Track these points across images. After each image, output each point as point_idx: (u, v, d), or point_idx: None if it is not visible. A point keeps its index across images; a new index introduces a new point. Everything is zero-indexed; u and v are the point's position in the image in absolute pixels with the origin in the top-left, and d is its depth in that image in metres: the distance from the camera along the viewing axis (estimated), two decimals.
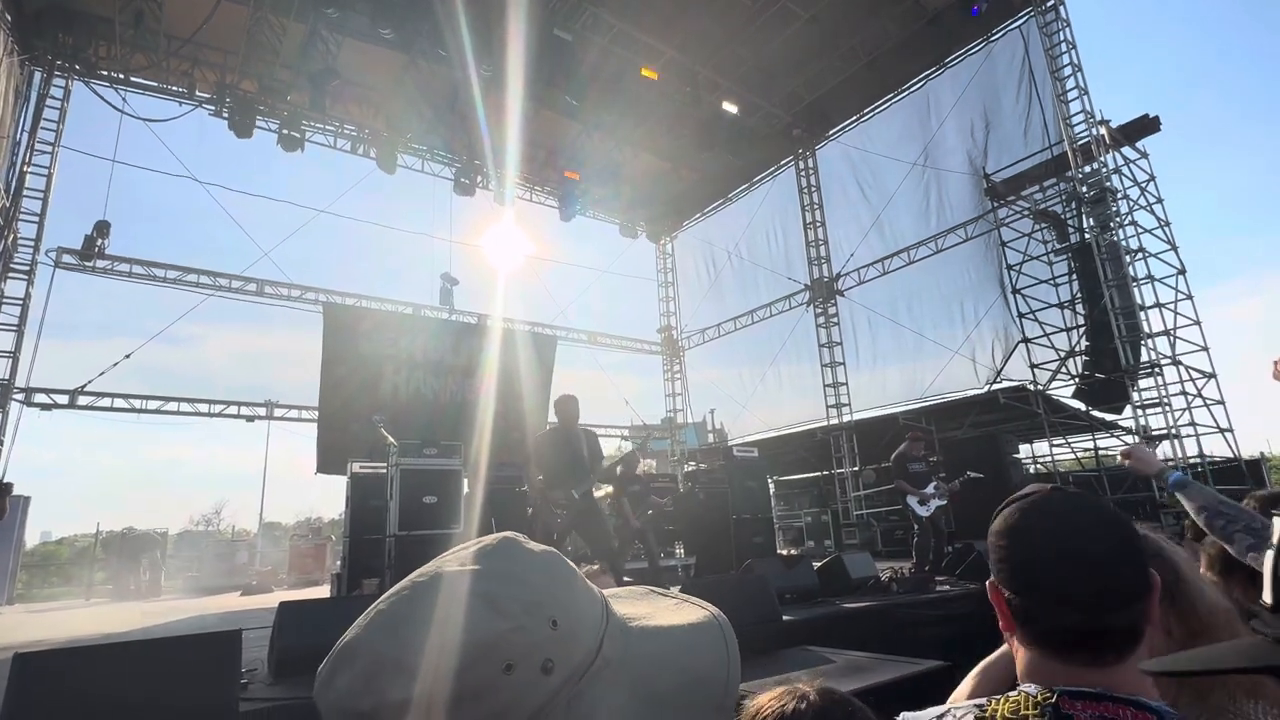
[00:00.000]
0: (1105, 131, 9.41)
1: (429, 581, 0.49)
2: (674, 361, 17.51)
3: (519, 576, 0.49)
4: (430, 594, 0.48)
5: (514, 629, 0.46)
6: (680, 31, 10.96)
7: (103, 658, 2.44)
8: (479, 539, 0.53)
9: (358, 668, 0.46)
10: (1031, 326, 10.16)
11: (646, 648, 0.53)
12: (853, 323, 13.35)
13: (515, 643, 0.45)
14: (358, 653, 0.46)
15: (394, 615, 0.47)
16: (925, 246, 12.15)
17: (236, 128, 10.78)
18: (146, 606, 9.77)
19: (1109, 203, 9.20)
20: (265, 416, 12.40)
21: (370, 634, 0.47)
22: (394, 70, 11.29)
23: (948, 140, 11.71)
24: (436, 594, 0.47)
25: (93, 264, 10.78)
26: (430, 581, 0.49)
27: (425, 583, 0.49)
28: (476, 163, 13.18)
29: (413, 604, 0.48)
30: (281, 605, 3.33)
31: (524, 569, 0.50)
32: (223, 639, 2.61)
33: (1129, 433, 9.47)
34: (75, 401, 10.56)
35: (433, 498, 6.15)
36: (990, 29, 10.93)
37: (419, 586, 0.49)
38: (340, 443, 9.97)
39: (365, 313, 12.40)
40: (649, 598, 0.61)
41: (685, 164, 14.51)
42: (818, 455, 13.78)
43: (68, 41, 10.00)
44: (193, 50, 10.45)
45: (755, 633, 3.74)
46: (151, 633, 5.45)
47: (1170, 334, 9.00)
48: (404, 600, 0.48)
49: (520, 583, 0.49)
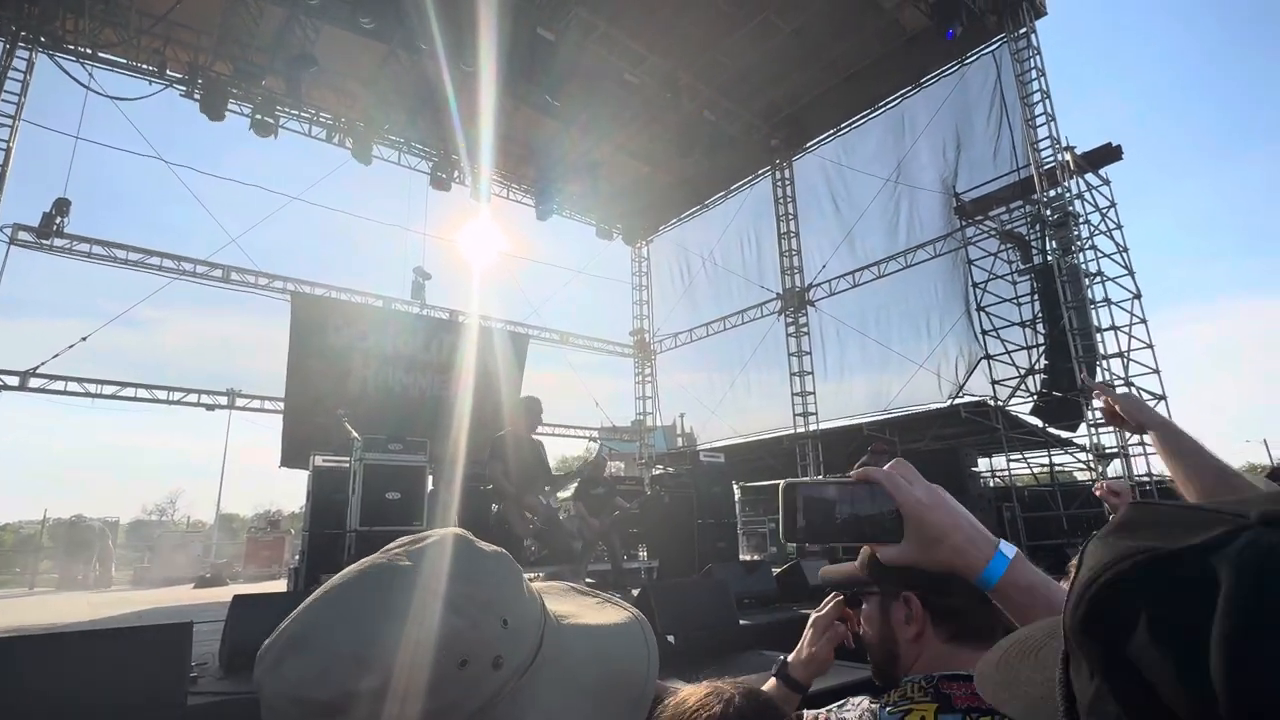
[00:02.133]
0: (1070, 158, 9.71)
1: (382, 574, 0.50)
2: (645, 364, 17.57)
3: (474, 576, 0.51)
4: (385, 587, 0.49)
5: (470, 626, 0.47)
6: (663, 36, 11.03)
7: (44, 649, 2.39)
8: (426, 533, 0.54)
9: (312, 658, 0.45)
10: (994, 344, 10.43)
11: (577, 646, 0.55)
12: (822, 333, 13.55)
13: (471, 640, 0.47)
14: (311, 642, 0.46)
15: (349, 606, 0.48)
16: (895, 261, 12.39)
17: (209, 110, 10.55)
18: (94, 597, 9.50)
19: (1071, 227, 9.49)
20: (227, 406, 12.14)
21: (325, 623, 0.47)
22: (373, 61, 11.17)
23: (920, 158, 11.97)
24: (392, 588, 0.48)
25: (50, 242, 10.45)
26: (384, 574, 0.50)
27: (378, 574, 0.50)
28: (454, 158, 13.09)
29: (368, 595, 0.48)
30: (235, 599, 3.28)
31: (478, 568, 0.52)
32: (172, 631, 2.57)
33: (1083, 450, 9.77)
34: (26, 384, 10.22)
35: (396, 494, 6.10)
36: (965, 52, 11.20)
37: (371, 577, 0.50)
38: (306, 436, 9.78)
39: (335, 304, 12.21)
40: (571, 595, 0.64)
41: (663, 168, 14.58)
42: (783, 463, 13.93)
43: (34, 13, 9.68)
44: (165, 29, 10.20)
45: (711, 636, 3.79)
46: (99, 625, 5.31)
47: (1124, 356, 9.31)
48: (357, 590, 0.49)
49: (475, 582, 0.50)
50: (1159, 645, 0.32)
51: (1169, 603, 0.33)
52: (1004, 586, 0.66)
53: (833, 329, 13.35)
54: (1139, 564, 0.34)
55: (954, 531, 0.68)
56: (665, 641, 3.50)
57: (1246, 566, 0.31)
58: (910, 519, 0.68)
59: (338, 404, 8.92)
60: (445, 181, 13.12)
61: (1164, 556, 0.34)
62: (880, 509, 0.70)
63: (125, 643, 2.49)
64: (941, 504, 0.70)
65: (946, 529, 0.68)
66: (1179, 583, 0.33)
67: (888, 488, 0.70)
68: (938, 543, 0.68)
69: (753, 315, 14.98)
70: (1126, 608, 0.34)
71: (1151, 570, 0.34)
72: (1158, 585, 0.33)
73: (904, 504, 0.69)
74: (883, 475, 0.71)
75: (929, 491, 0.70)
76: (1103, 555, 0.36)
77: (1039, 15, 10.53)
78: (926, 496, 0.69)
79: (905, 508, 0.69)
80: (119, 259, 11.12)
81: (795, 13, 10.66)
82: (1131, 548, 0.35)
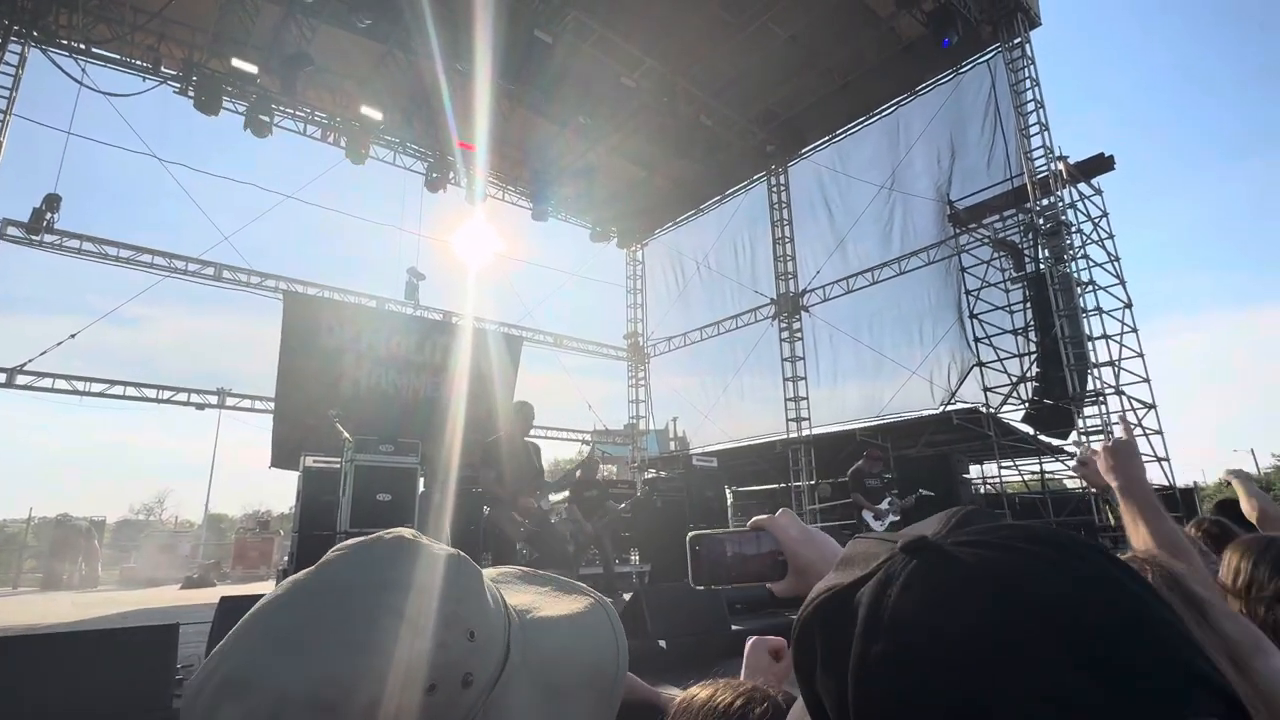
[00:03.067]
0: (1063, 167, 9.78)
1: (329, 592, 0.44)
2: (639, 368, 17.56)
3: (432, 587, 0.45)
4: (334, 607, 0.42)
5: (435, 647, 0.42)
6: (661, 41, 11.05)
7: (27, 649, 2.35)
8: (366, 538, 0.48)
9: (254, 703, 0.38)
10: (986, 351, 10.49)
11: (545, 643, 0.51)
12: (815, 339, 13.58)
13: (436, 662, 0.42)
14: (251, 684, 0.39)
15: (292, 635, 0.41)
16: (889, 268, 12.44)
17: (203, 106, 10.49)
18: (79, 597, 9.39)
19: (1063, 236, 9.56)
20: (217, 405, 12.05)
21: (264, 660, 0.40)
22: (370, 60, 11.14)
23: (915, 165, 12.03)
24: (341, 608, 0.42)
25: (40, 238, 10.36)
26: (330, 593, 0.43)
27: (323, 593, 0.44)
28: (449, 159, 13.06)
29: (314, 620, 0.42)
30: (223, 600, 3.25)
31: (435, 577, 0.46)
32: (159, 633, 2.54)
33: (1073, 457, 9.82)
34: (13, 381, 10.11)
35: (387, 495, 6.08)
36: (960, 61, 11.28)
37: (316, 597, 0.43)
38: (296, 437, 9.70)
39: (327, 304, 12.14)
40: (525, 583, 0.59)
41: (659, 171, 14.60)
42: (776, 467, 13.94)
43: (27, 6, 9.62)
44: (160, 25, 10.13)
45: (703, 641, 3.78)
46: (84, 625, 5.25)
47: (1115, 365, 9.38)
48: (302, 614, 0.42)
49: (435, 594, 0.44)
50: (826, 678, 0.34)
51: (831, 637, 0.35)
52: None
53: (826, 334, 13.39)
54: (820, 602, 0.37)
55: (819, 561, 0.78)
56: (657, 646, 3.48)
57: (873, 598, 0.33)
58: (788, 556, 0.79)
59: (330, 405, 8.85)
60: (440, 182, 13.08)
61: (835, 593, 0.36)
62: (768, 550, 0.80)
63: (111, 645, 2.45)
64: (811, 540, 0.80)
65: (813, 560, 0.78)
66: (838, 617, 0.34)
67: (772, 531, 0.80)
68: (807, 573, 0.78)
69: (747, 320, 15.00)
70: (810, 645, 0.36)
71: (826, 607, 0.36)
72: (826, 621, 0.35)
73: (783, 543, 0.79)
74: (767, 522, 0.81)
75: (803, 531, 0.80)
76: (812, 593, 0.38)
77: (1033, 26, 10.62)
78: (800, 535, 0.80)
79: (784, 546, 0.79)
80: (109, 256, 11.03)
81: (792, 19, 10.70)
82: (823, 587, 0.37)
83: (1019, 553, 0.32)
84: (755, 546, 0.81)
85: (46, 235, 10.39)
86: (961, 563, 0.32)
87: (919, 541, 0.34)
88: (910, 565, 0.33)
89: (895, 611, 0.31)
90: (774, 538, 0.80)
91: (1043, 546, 0.32)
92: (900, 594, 0.32)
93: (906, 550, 0.34)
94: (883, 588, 0.33)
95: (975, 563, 0.32)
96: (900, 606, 0.31)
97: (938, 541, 0.33)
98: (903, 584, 0.32)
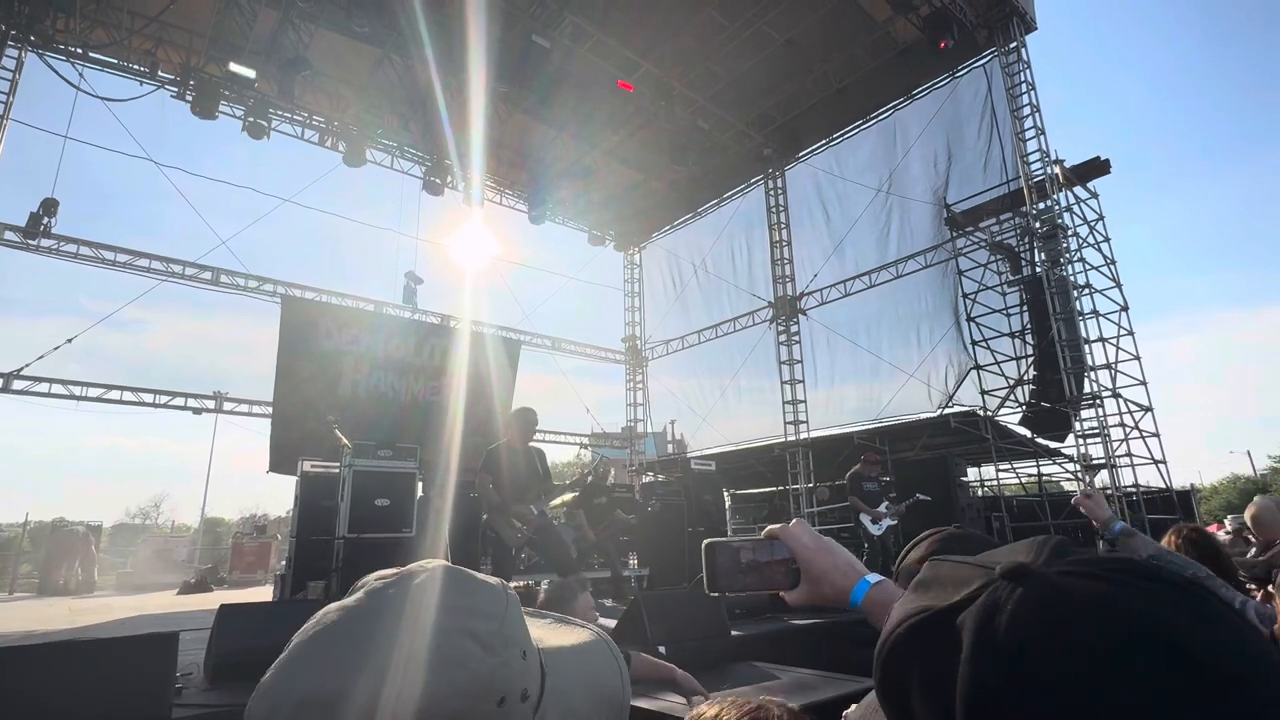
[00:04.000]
0: (1059, 171, 9.81)
1: (392, 613, 0.46)
2: (637, 371, 17.56)
3: (489, 611, 0.49)
4: (405, 629, 0.45)
5: (501, 663, 0.47)
6: (657, 45, 11.07)
7: (23, 659, 2.34)
8: (410, 569, 0.51)
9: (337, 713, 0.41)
10: (983, 354, 10.51)
11: (564, 671, 0.55)
12: (812, 342, 13.60)
13: (503, 676, 0.46)
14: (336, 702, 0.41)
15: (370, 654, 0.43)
16: (886, 271, 12.46)
17: (200, 110, 10.49)
18: (76, 603, 9.35)
19: (1060, 239, 9.59)
20: (214, 410, 12.02)
21: (346, 678, 0.42)
22: (367, 64, 11.14)
23: (912, 169, 12.06)
24: (414, 629, 0.45)
25: (37, 242, 10.34)
26: (393, 614, 0.46)
27: (386, 614, 0.46)
28: (447, 162, 13.06)
29: (387, 640, 0.44)
30: (222, 608, 3.23)
31: (489, 603, 0.50)
32: (158, 641, 2.52)
33: (1071, 460, 9.85)
34: (10, 385, 10.08)
35: (385, 501, 6.06)
36: (955, 65, 11.31)
37: (381, 617, 0.46)
38: (295, 442, 9.67)
39: (326, 308, 12.12)
40: (528, 616, 0.61)
41: (656, 175, 14.62)
42: (774, 470, 13.94)
43: (24, 11, 9.61)
44: (157, 29, 10.14)
45: (704, 648, 3.77)
46: (81, 633, 5.23)
47: (1112, 368, 9.40)
48: (373, 634, 0.45)
49: (492, 617, 0.49)
50: (924, 702, 0.34)
51: (929, 661, 0.34)
52: (865, 604, 0.79)
53: (824, 338, 13.41)
54: (912, 626, 0.36)
55: (832, 570, 0.80)
56: (656, 653, 3.47)
57: (979, 623, 0.33)
58: (802, 564, 0.81)
59: (328, 409, 8.85)
60: (438, 186, 13.08)
61: (929, 616, 0.36)
62: (781, 558, 0.82)
63: (108, 653, 2.44)
64: (824, 549, 0.82)
65: (826, 568, 0.80)
66: (937, 642, 0.34)
67: (786, 540, 0.82)
68: (820, 581, 0.80)
69: (744, 323, 15.01)
70: (904, 669, 0.36)
71: (919, 631, 0.36)
72: (923, 645, 0.35)
73: (797, 552, 0.81)
74: (780, 530, 0.83)
75: (816, 540, 0.82)
76: (895, 616, 0.38)
77: (1029, 30, 10.66)
78: (814, 544, 0.81)
79: (797, 555, 0.81)
80: (107, 260, 11.02)
81: (788, 24, 10.73)
82: (913, 609, 0.37)
83: (1134, 588, 0.32)
84: (769, 554, 0.82)
85: (44, 240, 10.38)
86: (1075, 594, 0.32)
87: (1020, 569, 0.34)
88: (1017, 593, 0.33)
89: (1010, 639, 0.31)
90: (787, 546, 0.82)
91: (1152, 583, 0.32)
92: (1011, 622, 0.32)
93: (1009, 577, 0.34)
94: (990, 614, 0.33)
95: (1090, 595, 0.32)
96: (1014, 634, 0.32)
97: (1041, 570, 0.34)
98: (1012, 612, 0.32)
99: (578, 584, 2.76)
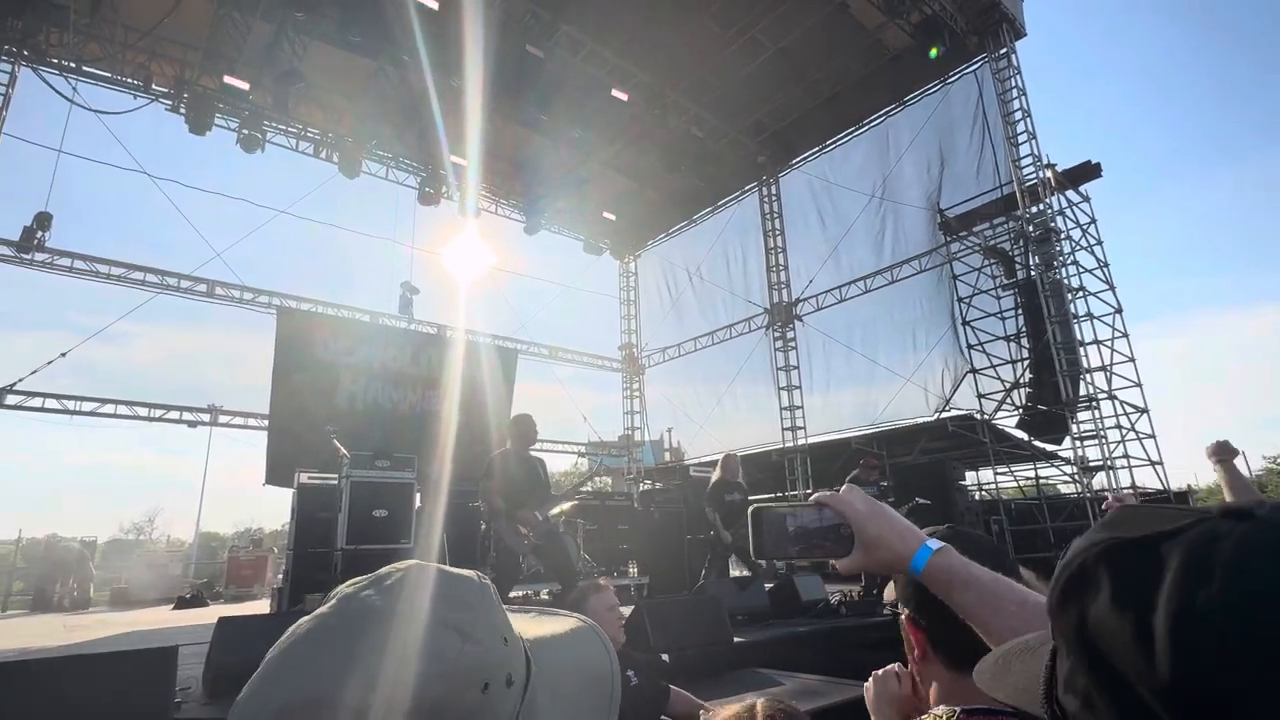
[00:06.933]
0: (1051, 175, 9.88)
1: (370, 613, 0.47)
2: (633, 379, 17.55)
3: (466, 600, 0.50)
4: (383, 625, 0.46)
5: (483, 650, 0.48)
6: (651, 55, 11.14)
7: (25, 674, 2.31)
8: (388, 570, 0.51)
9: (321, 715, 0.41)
10: (979, 358, 10.53)
11: (549, 655, 0.56)
12: (809, 347, 13.62)
13: (485, 663, 0.47)
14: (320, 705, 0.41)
15: (349, 654, 0.44)
16: (881, 276, 12.51)
17: (194, 125, 10.49)
18: (71, 619, 9.25)
19: (1053, 242, 9.64)
20: (209, 423, 11.97)
21: (328, 680, 0.42)
22: (361, 76, 11.17)
23: (905, 175, 12.14)
24: (394, 624, 0.46)
25: (31, 256, 10.31)
26: (371, 613, 0.47)
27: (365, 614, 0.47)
28: (441, 173, 13.09)
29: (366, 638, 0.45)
30: (221, 620, 3.21)
31: (465, 593, 0.51)
32: (157, 655, 2.50)
33: (1068, 463, 9.86)
34: (3, 401, 10.02)
35: (383, 511, 6.04)
36: (947, 71, 11.41)
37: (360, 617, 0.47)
38: (292, 454, 9.59)
39: (322, 319, 12.10)
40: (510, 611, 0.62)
41: (651, 184, 14.67)
42: (772, 477, 13.93)
43: (17, 26, 9.60)
44: (151, 43, 10.15)
45: (705, 654, 3.76)
46: (77, 649, 5.18)
47: (1107, 370, 9.43)
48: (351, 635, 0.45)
49: (470, 606, 0.50)
50: (1116, 618, 0.35)
51: (1126, 581, 0.36)
52: (929, 571, 0.75)
53: (820, 343, 13.43)
54: (1106, 548, 0.38)
55: (890, 534, 0.77)
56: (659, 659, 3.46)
57: (1194, 548, 0.34)
58: (855, 529, 0.78)
59: (324, 420, 8.80)
60: (433, 196, 13.10)
61: (1128, 542, 0.37)
62: (831, 524, 0.80)
63: (109, 668, 2.42)
64: (880, 514, 0.79)
65: (884, 533, 0.77)
66: (1137, 564, 0.36)
67: (836, 506, 0.79)
68: (876, 547, 0.77)
69: (740, 330, 15.04)
70: (1092, 587, 0.37)
71: (1115, 554, 0.37)
72: (1118, 567, 0.37)
73: (850, 517, 0.78)
74: (830, 497, 0.81)
75: (869, 504, 0.79)
76: (1079, 544, 0.39)
77: (1019, 36, 10.77)
78: (867, 509, 0.79)
79: (851, 520, 0.78)
80: (101, 273, 10.99)
81: (781, 32, 10.82)
82: (1103, 537, 0.38)
83: None
84: (818, 520, 0.80)
85: (37, 253, 10.35)
86: None
87: (1244, 510, 0.35)
88: (1240, 527, 0.34)
89: (1235, 563, 0.33)
90: (838, 512, 0.80)
91: None
92: (1236, 547, 0.33)
93: (1231, 516, 0.35)
94: (1209, 541, 0.34)
95: None
96: (1241, 559, 0.33)
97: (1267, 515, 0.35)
98: (1237, 541, 0.34)
99: (591, 586, 2.77)
